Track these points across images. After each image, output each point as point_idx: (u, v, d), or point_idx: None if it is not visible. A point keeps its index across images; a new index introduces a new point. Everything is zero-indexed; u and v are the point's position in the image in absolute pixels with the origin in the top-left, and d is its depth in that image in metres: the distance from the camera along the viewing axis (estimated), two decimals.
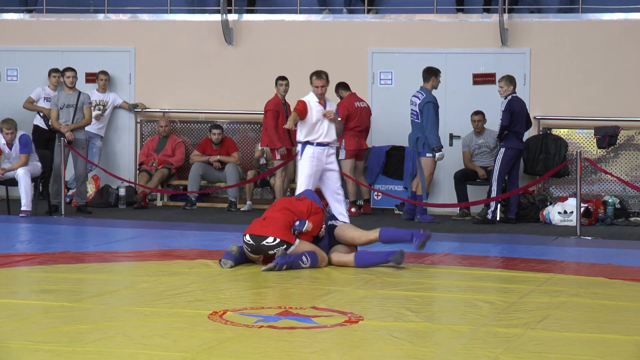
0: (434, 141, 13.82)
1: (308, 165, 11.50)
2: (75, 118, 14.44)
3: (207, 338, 6.46)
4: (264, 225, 9.48)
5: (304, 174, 11.52)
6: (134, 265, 9.94)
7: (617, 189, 14.75)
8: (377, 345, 6.42)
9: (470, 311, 7.54)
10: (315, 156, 11.52)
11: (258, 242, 9.38)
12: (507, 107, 13.88)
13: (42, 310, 7.33)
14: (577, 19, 15.34)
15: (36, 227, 12.88)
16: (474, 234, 12.83)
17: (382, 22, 15.94)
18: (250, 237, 9.44)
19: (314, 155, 11.51)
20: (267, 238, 9.36)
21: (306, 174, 11.50)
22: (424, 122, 13.85)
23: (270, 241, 9.36)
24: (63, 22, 16.86)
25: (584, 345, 6.43)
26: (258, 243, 9.38)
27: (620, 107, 14.99)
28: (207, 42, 16.33)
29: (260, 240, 9.38)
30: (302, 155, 11.59)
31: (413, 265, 9.74)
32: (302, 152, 11.58)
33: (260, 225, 9.49)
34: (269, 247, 9.35)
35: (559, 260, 10.41)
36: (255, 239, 9.41)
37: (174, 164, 15.96)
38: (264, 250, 9.39)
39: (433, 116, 13.83)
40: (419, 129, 13.95)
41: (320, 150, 11.54)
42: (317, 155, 11.53)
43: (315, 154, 11.53)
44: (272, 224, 9.45)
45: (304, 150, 11.56)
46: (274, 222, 9.47)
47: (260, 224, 9.52)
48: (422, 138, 13.92)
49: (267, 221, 9.50)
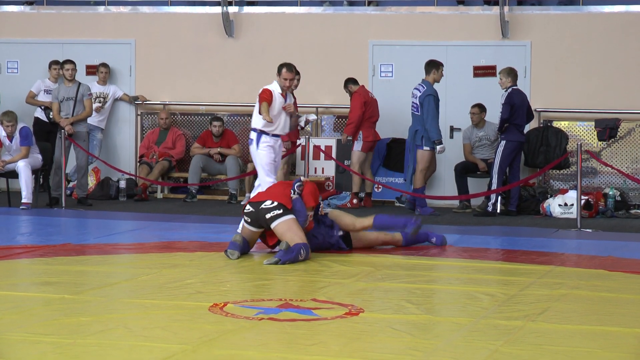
0: (434, 134, 13.82)
1: (266, 153, 11.36)
2: (75, 110, 14.43)
3: (208, 330, 6.46)
4: (264, 193, 9.88)
5: (266, 161, 11.32)
6: (135, 257, 9.95)
7: (618, 181, 14.75)
8: (378, 338, 6.42)
9: (471, 303, 7.54)
10: (272, 145, 11.42)
11: (257, 207, 9.55)
12: (507, 100, 13.87)
13: (42, 303, 7.34)
14: (577, 11, 15.33)
15: (37, 219, 12.88)
16: (475, 226, 12.83)
17: (382, 15, 15.93)
18: (250, 205, 9.65)
19: (270, 144, 11.40)
20: (265, 201, 9.56)
21: (267, 161, 11.33)
22: (424, 115, 13.84)
23: (268, 204, 9.54)
24: (63, 14, 16.85)
25: (584, 338, 6.43)
26: (257, 208, 9.55)
27: (621, 99, 14.98)
28: (208, 34, 16.32)
29: (258, 205, 9.56)
30: (258, 144, 11.41)
31: (413, 258, 9.75)
32: (259, 141, 11.41)
33: (260, 195, 9.87)
34: (266, 210, 9.50)
35: (560, 253, 10.41)
36: (254, 205, 9.60)
37: (174, 156, 15.96)
38: (262, 215, 9.50)
39: (433, 109, 13.82)
40: (418, 121, 13.94)
41: (275, 141, 11.46)
42: (273, 145, 11.43)
43: (272, 143, 11.42)
44: (270, 191, 9.85)
45: (260, 138, 11.40)
46: (271, 190, 9.90)
47: (260, 194, 9.90)
48: (421, 131, 13.92)
49: (267, 192, 9.87)
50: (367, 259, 9.71)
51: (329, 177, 15.53)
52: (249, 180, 15.30)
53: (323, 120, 15.87)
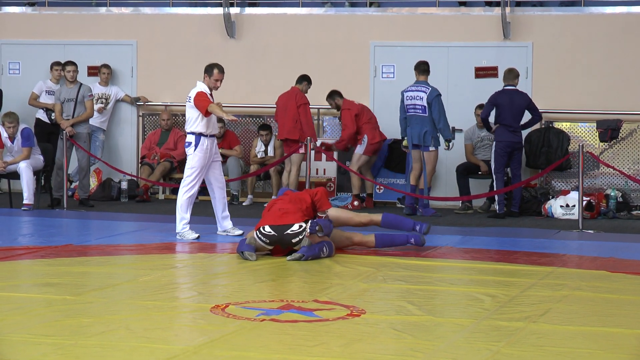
0: (448, 133, 13.91)
1: (202, 156, 11.33)
2: (75, 112, 14.44)
3: (209, 331, 6.46)
4: (282, 215, 9.58)
5: (198, 166, 11.29)
6: (136, 258, 9.94)
7: (619, 182, 14.75)
8: (379, 339, 6.42)
9: (472, 304, 7.54)
10: (209, 148, 11.42)
11: (281, 231, 9.45)
12: (489, 99, 13.90)
13: (44, 304, 7.34)
14: (579, 12, 15.33)
15: (38, 220, 12.89)
16: (476, 227, 12.82)
17: (384, 16, 15.93)
18: (271, 228, 9.49)
19: (208, 147, 11.39)
20: (292, 226, 9.47)
21: (200, 165, 11.29)
22: (434, 115, 13.82)
23: (295, 228, 9.47)
24: (65, 15, 16.86)
25: (585, 339, 6.43)
26: (281, 233, 9.45)
27: (623, 100, 14.99)
28: (209, 35, 16.33)
29: (284, 229, 9.46)
30: (196, 147, 11.40)
31: (415, 259, 9.75)
32: (197, 144, 11.39)
33: (278, 216, 9.58)
34: (294, 235, 9.45)
35: (561, 254, 10.41)
36: (277, 229, 9.47)
37: (176, 157, 15.96)
38: (288, 240, 9.46)
39: (444, 108, 13.89)
40: (426, 122, 13.91)
41: (211, 142, 11.47)
42: (210, 147, 11.43)
43: (209, 145, 11.42)
44: (291, 212, 9.59)
45: (198, 141, 11.38)
46: (291, 211, 9.61)
47: (277, 214, 9.60)
48: (430, 132, 13.88)
49: (283, 212, 9.61)
50: (368, 260, 9.71)
51: (330, 179, 15.54)
52: (250, 181, 15.30)
53: (325, 122, 15.88)
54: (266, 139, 15.47)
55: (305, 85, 14.66)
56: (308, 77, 14.70)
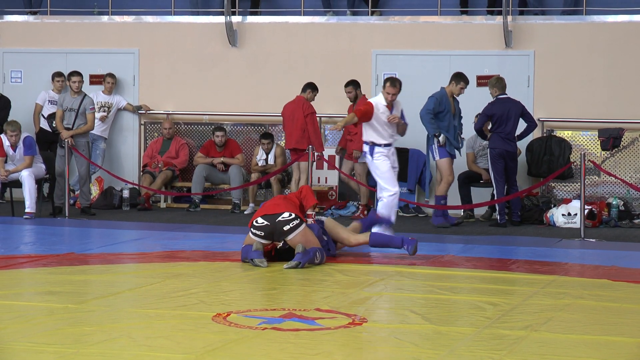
0: (430, 129, 13.53)
1: (381, 162, 11.90)
2: (76, 122, 14.45)
3: (211, 340, 6.46)
4: (274, 205, 9.82)
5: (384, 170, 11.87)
6: (138, 267, 9.94)
7: (621, 191, 14.74)
8: (381, 348, 6.42)
9: (474, 313, 7.54)
10: (386, 154, 11.98)
11: (273, 219, 9.61)
12: (484, 110, 13.86)
13: (46, 312, 7.34)
14: (581, 20, 15.34)
15: (40, 228, 12.90)
16: (478, 235, 12.82)
17: (386, 24, 15.95)
18: (263, 218, 9.65)
19: (384, 153, 11.99)
20: (283, 214, 9.64)
21: (385, 170, 11.90)
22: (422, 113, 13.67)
23: (285, 216, 9.63)
24: (67, 23, 16.88)
25: (587, 348, 6.43)
26: (273, 221, 9.60)
27: (624, 109, 14.99)
28: (211, 43, 16.35)
29: (275, 217, 9.62)
30: (373, 156, 11.95)
31: (417, 267, 9.74)
32: (372, 152, 11.97)
33: (271, 206, 9.81)
34: (285, 222, 9.58)
35: (563, 262, 10.41)
36: (269, 218, 9.62)
37: (177, 165, 15.97)
38: (279, 227, 9.57)
39: (428, 106, 13.51)
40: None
41: (388, 150, 12.01)
42: (387, 154, 12.02)
43: (386, 152, 12.00)
44: (282, 205, 9.80)
45: (373, 150, 11.98)
46: (283, 204, 9.82)
47: (270, 207, 9.82)
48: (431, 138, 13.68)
49: (275, 204, 9.85)
50: (369, 268, 9.72)
51: (332, 187, 15.54)
52: (252, 189, 15.30)
53: (326, 130, 15.88)
54: (267, 148, 15.47)
55: (309, 93, 14.64)
56: (313, 84, 14.68)
